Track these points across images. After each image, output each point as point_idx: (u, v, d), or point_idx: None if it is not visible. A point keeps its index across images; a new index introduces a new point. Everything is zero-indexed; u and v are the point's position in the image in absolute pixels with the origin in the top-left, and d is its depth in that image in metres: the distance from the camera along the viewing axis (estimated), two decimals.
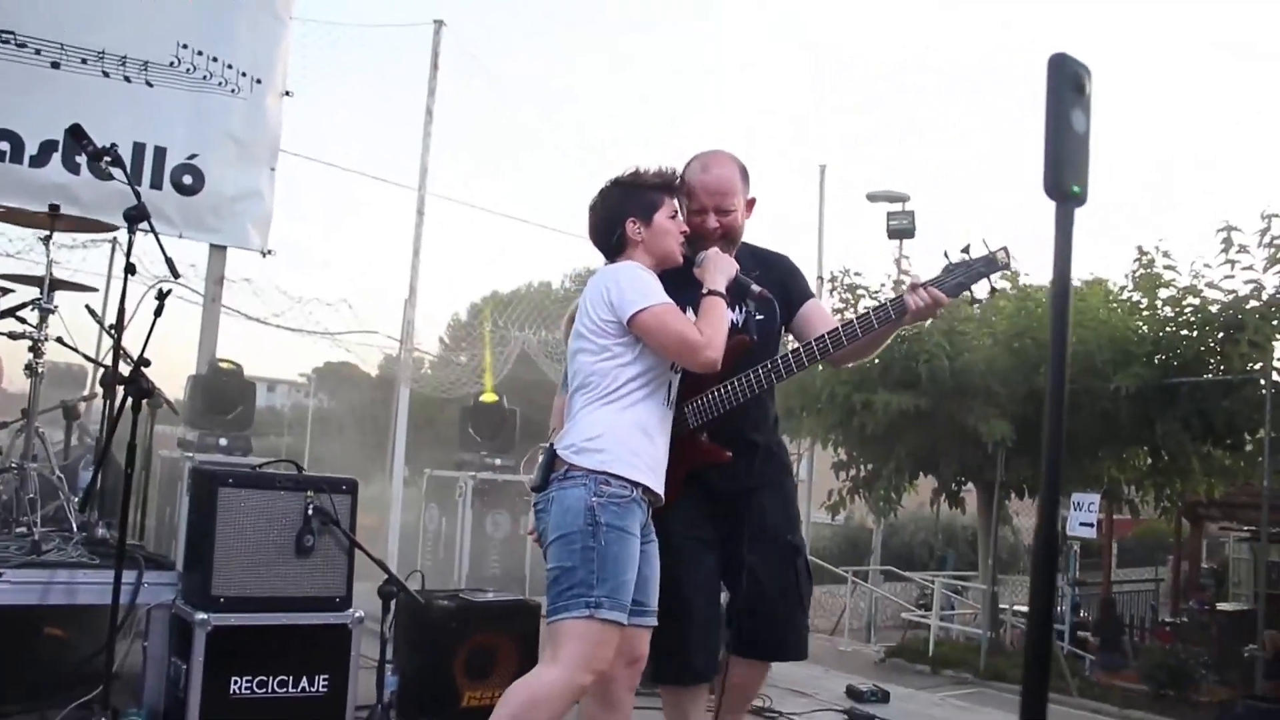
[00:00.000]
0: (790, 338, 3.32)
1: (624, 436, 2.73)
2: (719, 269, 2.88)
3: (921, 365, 9.44)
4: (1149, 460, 10.19)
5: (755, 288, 2.94)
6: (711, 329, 2.74)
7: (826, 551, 16.28)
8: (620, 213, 2.89)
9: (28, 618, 3.92)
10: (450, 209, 8.69)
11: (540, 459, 2.86)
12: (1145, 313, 9.72)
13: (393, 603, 3.96)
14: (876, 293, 10.60)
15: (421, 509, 7.58)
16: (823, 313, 3.31)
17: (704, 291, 2.84)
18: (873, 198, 14.00)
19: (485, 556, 6.98)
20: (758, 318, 3.12)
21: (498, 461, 7.35)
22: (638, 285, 2.76)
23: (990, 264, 2.89)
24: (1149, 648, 11.41)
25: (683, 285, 2.95)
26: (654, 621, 2.82)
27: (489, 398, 7.97)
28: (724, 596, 3.24)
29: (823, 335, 2.97)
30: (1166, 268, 9.62)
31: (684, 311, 2.87)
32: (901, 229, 12.91)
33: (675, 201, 2.96)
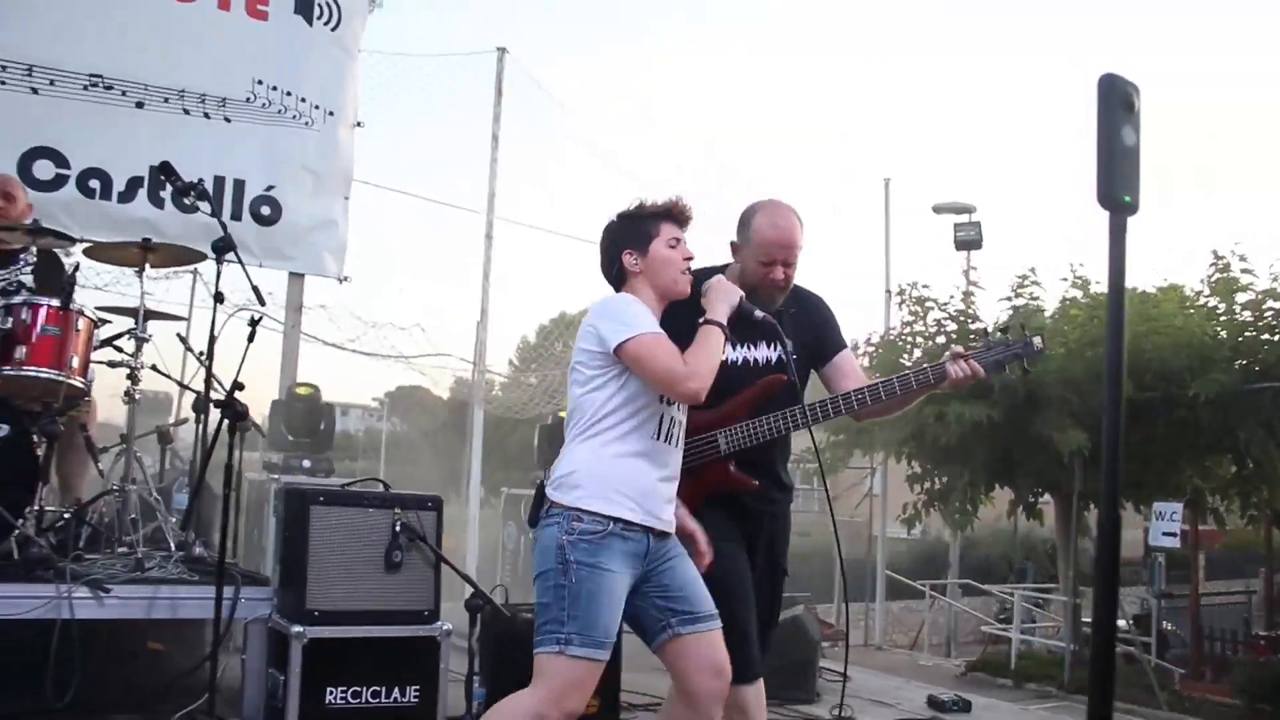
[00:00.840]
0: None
1: (602, 471, 2.71)
2: (721, 297, 2.88)
3: (994, 375, 9.34)
4: (1233, 468, 9.95)
5: (757, 314, 2.97)
6: (697, 359, 2.71)
7: (902, 566, 16.06)
8: (619, 245, 2.87)
9: (132, 631, 4.07)
10: (518, 232, 8.82)
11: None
12: (1223, 317, 9.52)
13: (479, 616, 4.05)
14: (945, 304, 10.51)
15: (500, 527, 7.66)
16: (854, 365, 3.47)
17: (701, 320, 2.84)
18: (939, 209, 13.89)
19: None
20: (794, 356, 3.21)
21: None
22: (624, 315, 2.74)
23: (1027, 348, 3.17)
24: (1241, 661, 11.10)
25: (740, 322, 3.06)
26: (713, 625, 2.79)
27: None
28: None
29: (862, 389, 3.17)
30: (1244, 271, 9.42)
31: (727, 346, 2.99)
32: (969, 240, 12.80)
33: (676, 228, 2.90)
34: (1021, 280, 10.22)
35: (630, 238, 2.86)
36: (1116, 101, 2.13)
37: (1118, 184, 2.16)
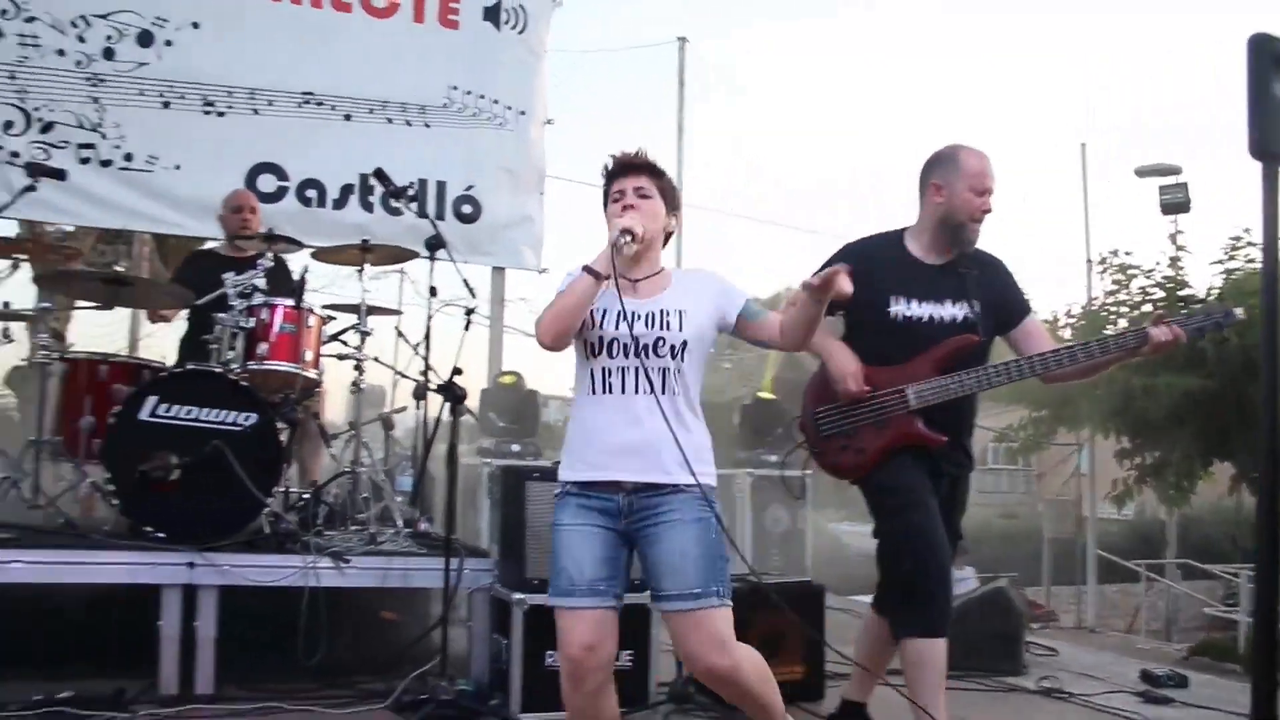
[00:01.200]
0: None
1: (566, 441, 2.82)
2: (608, 240, 2.70)
3: (1207, 342, 8.84)
4: None
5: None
6: (548, 309, 2.69)
7: (1115, 546, 15.37)
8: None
9: (367, 602, 4.42)
10: (707, 217, 8.95)
11: None
12: None
13: None
14: (1150, 271, 10.04)
15: None
16: (1042, 329, 3.55)
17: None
18: (1141, 173, 13.24)
19: (766, 550, 7.13)
20: (977, 313, 3.33)
21: (773, 458, 7.48)
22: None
23: (1227, 316, 3.22)
24: None
25: (925, 279, 3.30)
26: (682, 605, 2.66)
27: (767, 394, 8.09)
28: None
29: (1059, 350, 3.26)
30: None
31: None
32: (1175, 203, 12.16)
33: (616, 182, 2.84)
34: (1235, 242, 9.64)
35: (604, 207, 2.89)
36: (1266, 58, 2.25)
37: (1269, 136, 2.27)
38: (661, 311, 2.75)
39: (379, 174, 4.72)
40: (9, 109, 6.49)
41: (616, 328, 2.70)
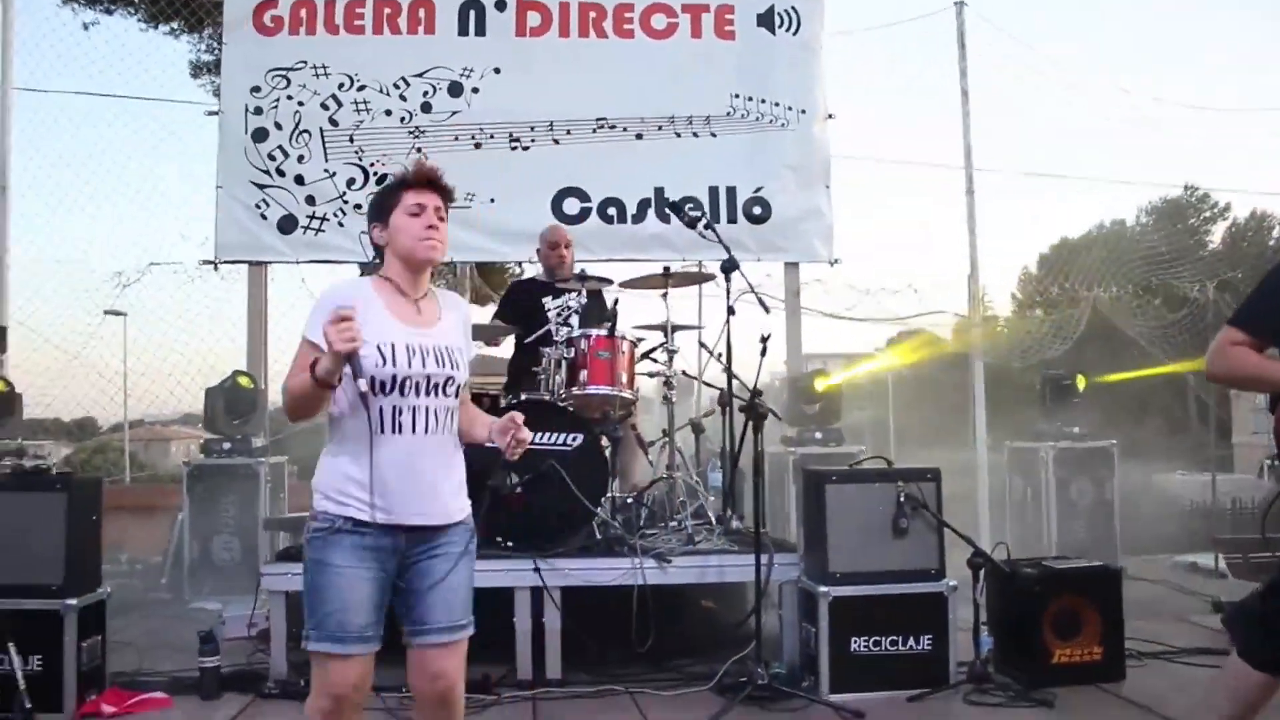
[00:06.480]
0: None
1: (326, 471, 2.70)
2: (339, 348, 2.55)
3: None
4: None
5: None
6: (287, 393, 2.65)
7: None
8: (369, 220, 2.84)
9: (688, 594, 4.97)
10: (999, 180, 8.84)
11: None
12: None
13: (981, 573, 4.47)
14: None
15: (1006, 479, 7.84)
16: None
17: None
18: None
19: (1071, 523, 7.15)
20: None
21: (1075, 430, 7.41)
22: (313, 314, 2.66)
23: None
24: None
25: None
26: (443, 638, 2.70)
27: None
28: None
29: None
30: None
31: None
32: None
33: (418, 194, 2.75)
34: None
35: (376, 212, 2.82)
36: None
37: None
38: (448, 349, 2.75)
39: (671, 205, 5.23)
40: (351, 168, 7.54)
41: (410, 366, 2.66)
